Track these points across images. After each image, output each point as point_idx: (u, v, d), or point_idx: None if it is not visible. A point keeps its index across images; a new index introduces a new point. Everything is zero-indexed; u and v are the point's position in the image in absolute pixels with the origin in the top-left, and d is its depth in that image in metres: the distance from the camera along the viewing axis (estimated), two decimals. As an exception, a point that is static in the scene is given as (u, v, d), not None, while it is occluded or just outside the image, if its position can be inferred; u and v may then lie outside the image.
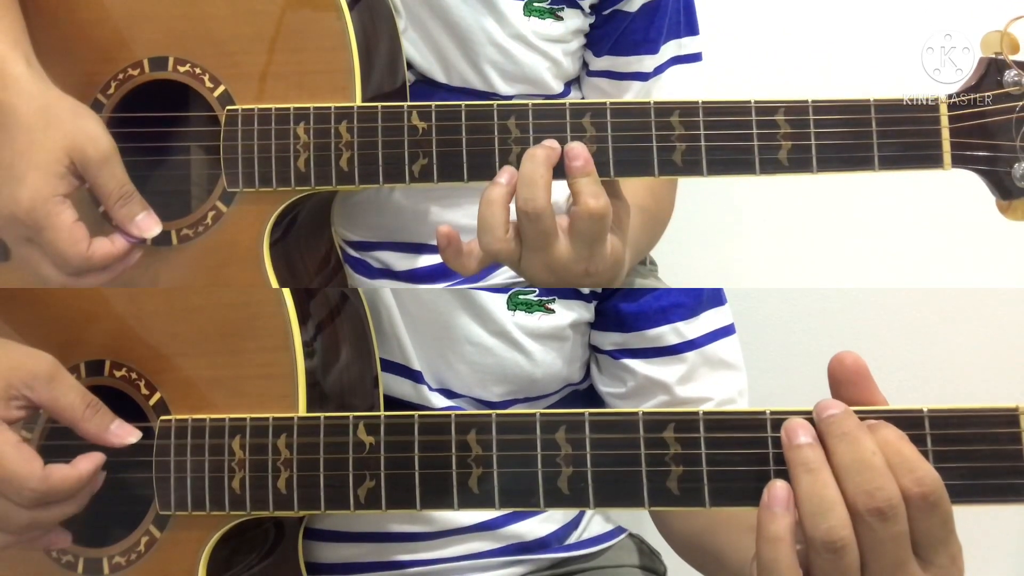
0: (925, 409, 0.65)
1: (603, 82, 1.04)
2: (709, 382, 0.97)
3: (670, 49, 1.04)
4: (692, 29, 1.05)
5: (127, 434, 0.76)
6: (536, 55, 0.97)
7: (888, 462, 0.61)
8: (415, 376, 0.92)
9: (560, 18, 0.97)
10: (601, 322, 0.98)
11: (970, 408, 0.64)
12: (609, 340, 0.98)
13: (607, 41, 1.02)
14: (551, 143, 0.77)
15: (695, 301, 0.97)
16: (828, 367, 0.65)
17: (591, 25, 1.01)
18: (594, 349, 1.00)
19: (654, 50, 1.03)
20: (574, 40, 1.01)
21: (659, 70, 1.03)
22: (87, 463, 0.74)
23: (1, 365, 0.74)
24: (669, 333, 0.96)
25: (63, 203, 0.77)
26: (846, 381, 0.65)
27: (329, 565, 0.94)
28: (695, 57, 1.05)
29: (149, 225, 0.81)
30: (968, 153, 0.76)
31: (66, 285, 0.80)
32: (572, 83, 1.06)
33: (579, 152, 0.77)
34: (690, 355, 0.96)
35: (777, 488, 0.63)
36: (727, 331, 0.99)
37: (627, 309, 0.96)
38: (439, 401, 0.93)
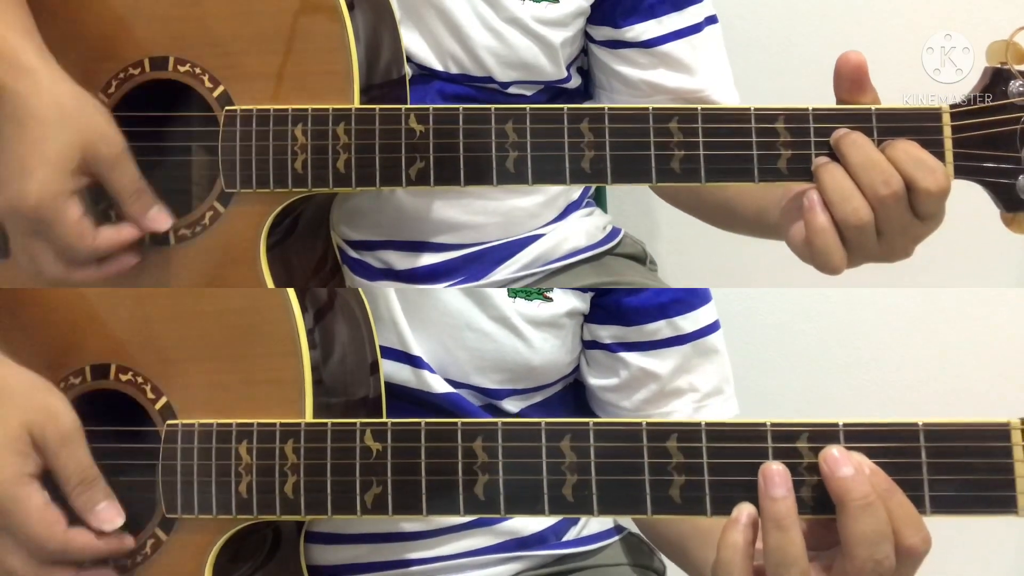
0: (920, 423, 0.66)
1: (632, 52, 1.03)
2: (699, 374, 0.99)
3: (694, 11, 1.04)
4: None
5: (110, 518, 0.76)
6: (531, 40, 0.97)
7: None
8: (415, 361, 0.92)
9: (556, 0, 0.96)
10: (601, 315, 0.99)
11: (963, 422, 0.66)
12: (608, 333, 0.98)
13: (622, 7, 1.01)
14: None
15: (692, 297, 0.99)
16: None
17: (599, 1, 1.00)
18: (589, 344, 1.01)
19: (681, 6, 1.02)
20: (573, 23, 1.00)
21: (697, 27, 1.03)
22: (111, 540, 0.76)
23: (29, 413, 0.74)
24: (665, 327, 0.97)
25: (71, 199, 0.77)
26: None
27: (328, 567, 0.94)
28: (714, 19, 1.06)
29: (161, 221, 0.82)
30: (972, 164, 0.75)
31: (65, 279, 0.80)
32: (574, 67, 1.05)
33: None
34: (685, 348, 0.98)
35: (742, 508, 0.67)
36: (716, 326, 1.00)
37: (630, 303, 0.97)
38: (440, 385, 0.93)
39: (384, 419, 0.75)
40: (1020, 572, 1.54)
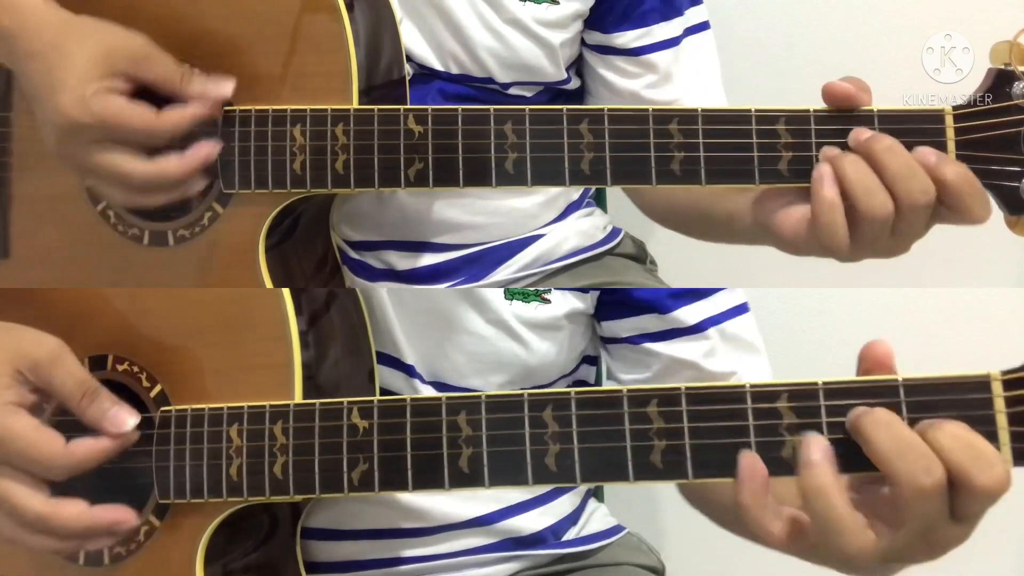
0: (900, 378, 0.66)
1: (619, 60, 1.03)
2: (733, 357, 0.98)
3: (683, 19, 1.03)
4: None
5: (124, 421, 0.74)
6: (531, 41, 0.96)
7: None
8: (407, 369, 0.93)
9: (556, 2, 0.97)
10: (613, 310, 0.98)
11: (944, 376, 0.66)
12: (625, 327, 0.98)
13: (614, 14, 1.01)
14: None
15: (705, 288, 0.98)
16: (860, 352, 0.69)
17: (595, 5, 1.00)
18: (607, 341, 1.00)
19: (672, 15, 1.02)
20: (572, 25, 1.00)
21: (677, 40, 1.03)
22: (108, 440, 0.74)
23: (8, 349, 0.73)
24: (686, 315, 0.96)
25: (113, 93, 0.75)
26: (872, 362, 0.69)
27: (327, 564, 0.94)
28: (705, 26, 1.05)
29: (224, 87, 0.80)
30: (975, 166, 0.74)
31: (154, 178, 0.78)
32: (573, 69, 1.05)
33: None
34: (711, 331, 0.97)
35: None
36: (743, 308, 0.99)
37: (642, 295, 0.97)
38: (432, 395, 0.92)
39: (371, 397, 0.75)
40: (1021, 573, 1.54)
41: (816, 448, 0.64)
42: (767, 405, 0.67)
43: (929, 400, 0.65)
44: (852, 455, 0.65)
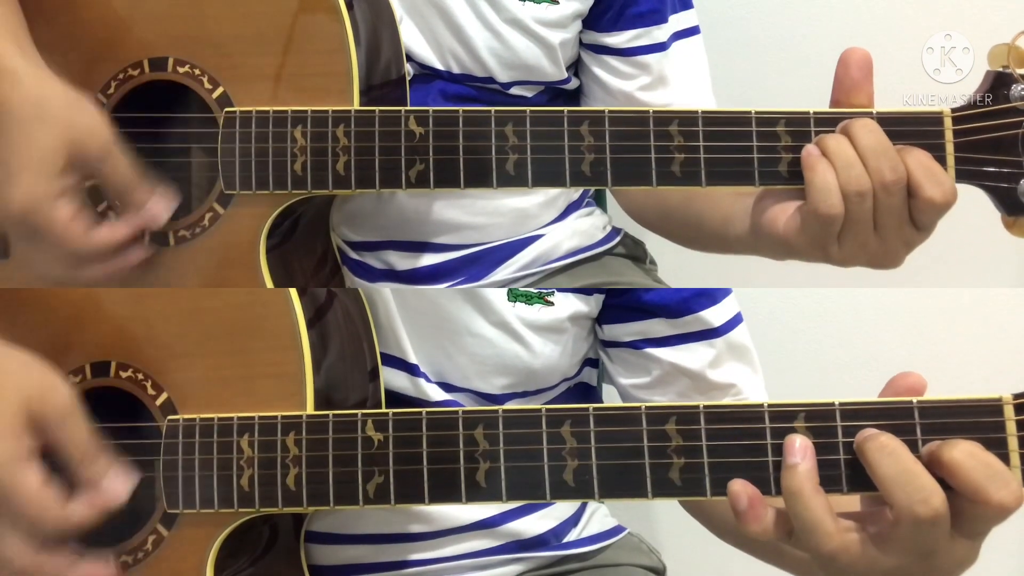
0: (914, 400, 0.68)
1: (613, 60, 1.04)
2: (735, 368, 0.99)
3: (671, 24, 1.04)
4: (686, 3, 1.06)
5: (117, 488, 0.74)
6: (531, 41, 0.97)
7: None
8: (411, 369, 0.93)
9: (556, 1, 0.98)
10: (620, 314, 0.99)
11: (957, 399, 0.68)
12: (628, 331, 0.98)
13: (610, 14, 1.02)
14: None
15: (715, 289, 0.98)
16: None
17: (593, 4, 1.01)
18: (608, 344, 1.01)
19: (663, 19, 1.03)
20: (572, 25, 1.01)
21: (666, 44, 1.04)
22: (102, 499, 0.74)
23: (22, 391, 0.72)
24: (694, 321, 0.97)
25: (59, 201, 0.76)
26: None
27: (329, 567, 0.94)
28: (694, 31, 1.06)
29: (160, 209, 0.81)
30: (973, 168, 0.75)
31: (70, 280, 0.80)
32: (573, 68, 1.06)
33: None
34: (718, 341, 0.98)
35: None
36: (740, 317, 1.00)
37: (651, 300, 0.97)
38: (437, 394, 0.93)
39: (385, 409, 0.76)
40: (1021, 573, 1.54)
41: (793, 452, 0.67)
42: (784, 425, 0.68)
43: (943, 423, 0.67)
44: (863, 475, 0.67)
